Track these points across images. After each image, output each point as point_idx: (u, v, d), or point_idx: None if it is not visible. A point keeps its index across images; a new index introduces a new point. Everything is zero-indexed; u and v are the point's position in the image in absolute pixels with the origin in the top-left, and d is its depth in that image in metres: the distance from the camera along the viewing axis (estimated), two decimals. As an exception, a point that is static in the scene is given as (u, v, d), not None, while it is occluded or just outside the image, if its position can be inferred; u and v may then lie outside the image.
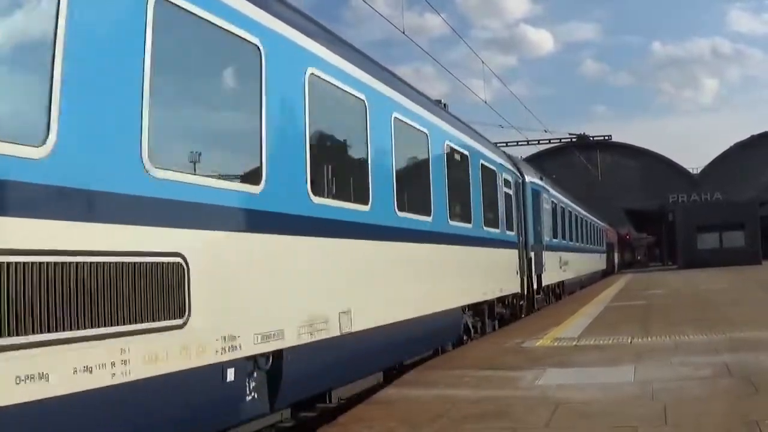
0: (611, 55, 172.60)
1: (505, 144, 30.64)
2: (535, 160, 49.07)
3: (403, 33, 13.78)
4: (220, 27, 5.04)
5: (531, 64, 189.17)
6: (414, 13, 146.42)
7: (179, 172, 4.56)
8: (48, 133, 3.56)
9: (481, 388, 7.02)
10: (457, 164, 10.97)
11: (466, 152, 11.41)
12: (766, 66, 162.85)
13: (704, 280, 25.50)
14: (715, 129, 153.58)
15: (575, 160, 55.02)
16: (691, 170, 74.21)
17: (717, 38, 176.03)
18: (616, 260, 51.63)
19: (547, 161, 59.97)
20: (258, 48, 5.49)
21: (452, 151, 10.70)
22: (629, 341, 9.78)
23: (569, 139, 48.31)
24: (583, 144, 53.36)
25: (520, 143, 42.32)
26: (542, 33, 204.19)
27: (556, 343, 10.20)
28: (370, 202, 7.41)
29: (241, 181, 5.40)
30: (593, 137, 50.33)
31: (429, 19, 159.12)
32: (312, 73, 6.30)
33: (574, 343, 10.08)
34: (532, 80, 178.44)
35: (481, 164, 12.28)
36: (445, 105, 11.66)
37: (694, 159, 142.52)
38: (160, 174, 4.31)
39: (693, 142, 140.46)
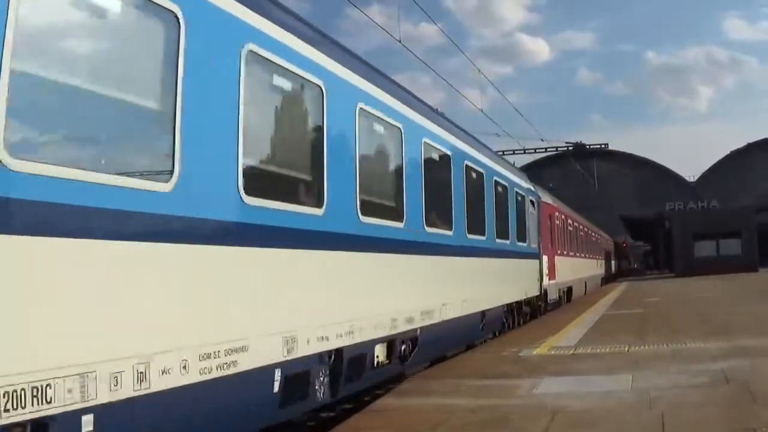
0: (607, 64, 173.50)
1: (502, 153, 30.55)
2: (532, 169, 49.31)
3: (400, 42, 13.85)
4: None
5: (527, 72, 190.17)
6: (410, 23, 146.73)
7: None
8: None
9: (479, 397, 7.00)
10: None
11: None
12: (762, 74, 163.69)
13: (701, 288, 25.50)
14: (711, 137, 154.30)
15: (572, 169, 55.12)
16: (687, 178, 74.51)
17: (712, 46, 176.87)
18: (612, 268, 51.54)
19: (545, 170, 60.24)
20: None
21: None
22: (626, 349, 9.77)
23: (566, 148, 48.40)
24: (579, 153, 53.39)
25: (516, 152, 42.41)
26: (538, 42, 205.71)
27: (553, 352, 10.19)
28: None
29: None
30: (590, 146, 50.44)
31: (425, 28, 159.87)
32: None
33: (572, 351, 10.07)
34: (528, 89, 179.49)
35: None
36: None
37: (691, 167, 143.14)
38: None
39: (689, 150, 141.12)
